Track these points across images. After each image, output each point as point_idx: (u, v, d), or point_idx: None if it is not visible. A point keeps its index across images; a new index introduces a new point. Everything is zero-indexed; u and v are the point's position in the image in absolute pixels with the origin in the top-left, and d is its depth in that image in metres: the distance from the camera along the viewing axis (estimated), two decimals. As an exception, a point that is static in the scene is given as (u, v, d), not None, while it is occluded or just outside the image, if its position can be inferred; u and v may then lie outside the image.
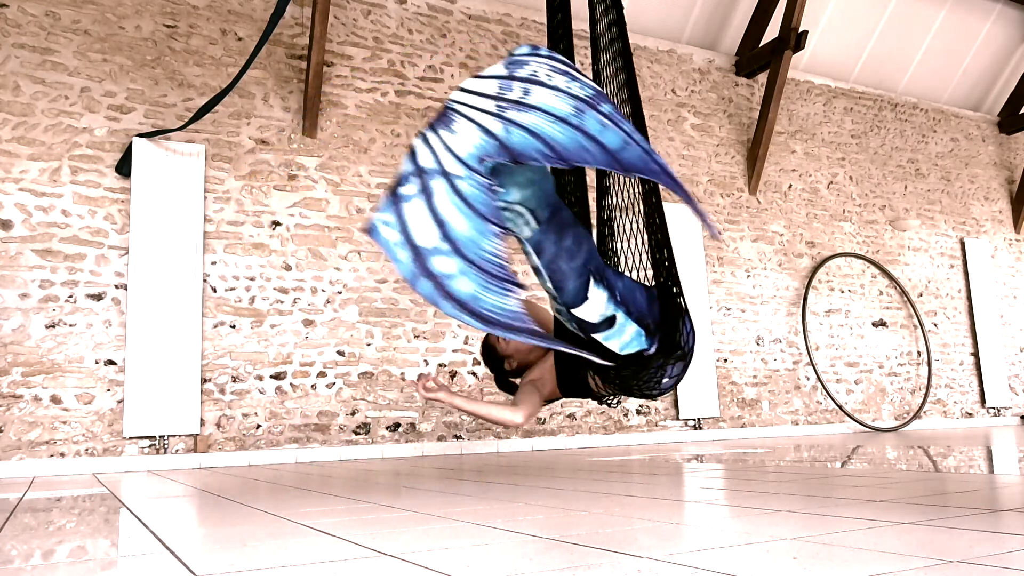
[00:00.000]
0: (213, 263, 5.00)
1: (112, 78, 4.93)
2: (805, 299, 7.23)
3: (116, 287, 4.73)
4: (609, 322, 2.29)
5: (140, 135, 4.85)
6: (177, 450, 4.68)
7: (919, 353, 7.84)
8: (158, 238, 4.79)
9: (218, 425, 4.83)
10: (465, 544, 1.41)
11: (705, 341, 6.53)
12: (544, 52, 1.92)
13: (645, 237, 2.57)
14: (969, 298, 8.33)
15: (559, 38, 2.95)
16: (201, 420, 4.77)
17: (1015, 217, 8.95)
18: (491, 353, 2.96)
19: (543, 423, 5.82)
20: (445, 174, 1.75)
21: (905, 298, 7.88)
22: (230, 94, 4.99)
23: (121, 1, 5.05)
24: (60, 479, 3.90)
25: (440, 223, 1.72)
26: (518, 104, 1.79)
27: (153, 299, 4.71)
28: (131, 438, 4.60)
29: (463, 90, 1.88)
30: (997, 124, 9.19)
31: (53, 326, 4.55)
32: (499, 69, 1.90)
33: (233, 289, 5.02)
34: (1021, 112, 9.05)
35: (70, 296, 4.62)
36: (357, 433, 5.19)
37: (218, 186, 5.10)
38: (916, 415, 7.53)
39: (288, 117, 5.38)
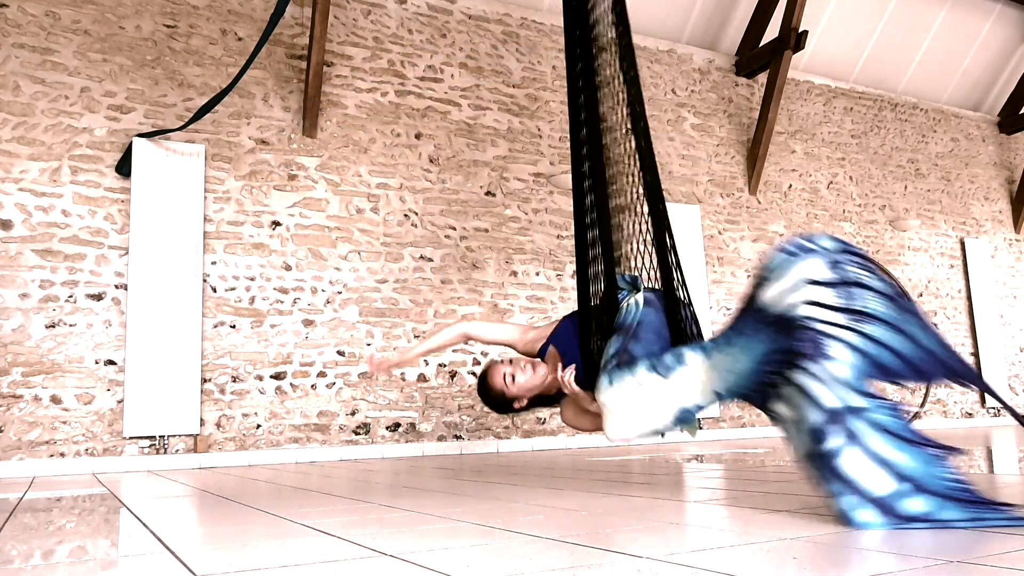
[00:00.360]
0: (213, 263, 5.00)
1: (112, 78, 4.93)
2: (805, 299, 7.22)
3: (116, 287, 4.73)
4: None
5: (140, 135, 4.85)
6: (177, 450, 4.68)
7: (919, 353, 7.84)
8: (158, 238, 4.79)
9: (218, 425, 4.83)
10: (465, 544, 1.41)
11: (705, 341, 6.51)
12: (855, 249, 1.84)
13: (648, 237, 2.57)
14: (969, 298, 8.33)
15: (576, 42, 2.95)
16: (201, 420, 4.77)
17: (1015, 217, 8.95)
18: (500, 396, 2.72)
19: (543, 423, 5.82)
20: (855, 411, 1.61)
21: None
22: (230, 94, 4.99)
23: (121, 1, 5.05)
24: (60, 479, 3.90)
25: (885, 464, 1.56)
26: (864, 315, 1.71)
27: (153, 299, 4.71)
28: (131, 438, 4.60)
29: (810, 303, 1.75)
30: (997, 124, 9.19)
31: (53, 326, 4.55)
32: (825, 272, 1.78)
33: (233, 289, 5.02)
34: (1021, 112, 9.04)
35: (70, 296, 4.62)
36: (357, 433, 5.19)
37: (218, 186, 5.10)
38: (916, 415, 7.52)
39: (288, 117, 5.38)
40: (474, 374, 5.60)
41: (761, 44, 7.17)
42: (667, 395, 2.08)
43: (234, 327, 4.98)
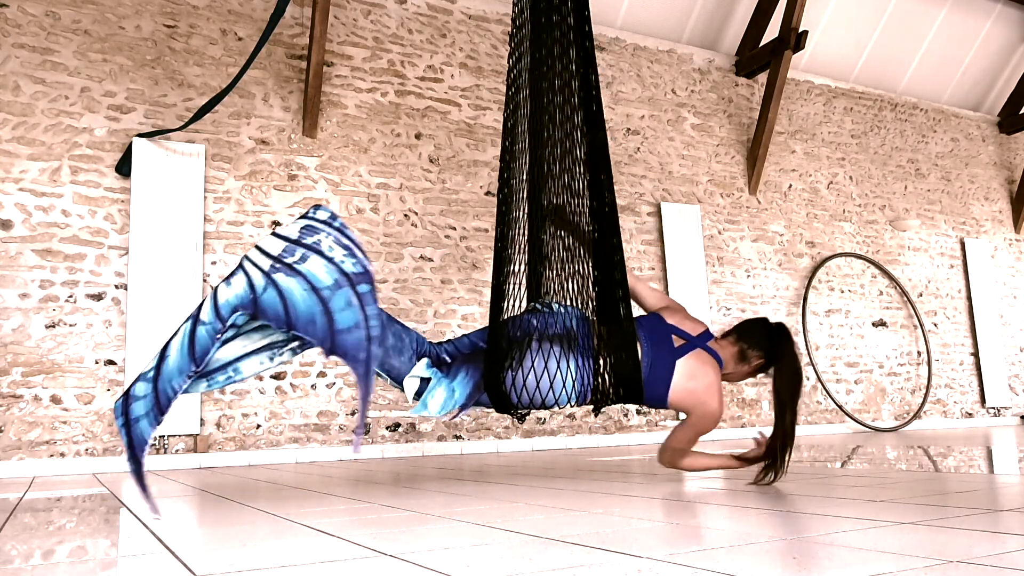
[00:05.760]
0: (213, 263, 5.00)
1: (112, 78, 4.93)
2: (805, 299, 7.23)
3: (116, 287, 4.73)
4: (426, 382, 2.43)
5: (140, 135, 4.85)
6: (177, 450, 4.68)
7: (919, 353, 7.84)
8: (158, 238, 4.79)
9: (218, 425, 4.83)
10: (465, 544, 1.41)
11: (705, 341, 6.52)
12: (338, 224, 2.16)
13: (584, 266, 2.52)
14: (969, 298, 8.33)
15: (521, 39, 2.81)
16: (201, 420, 4.77)
17: (1015, 217, 8.95)
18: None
19: (543, 423, 5.82)
20: (195, 319, 2.06)
21: (905, 298, 7.88)
22: (230, 94, 4.99)
23: (121, 1, 5.05)
24: (60, 479, 3.90)
25: (163, 356, 2.04)
26: (288, 268, 2.04)
27: (153, 299, 4.71)
28: (131, 438, 4.59)
29: (257, 247, 2.14)
30: (997, 124, 9.19)
31: (53, 326, 4.55)
32: (293, 231, 2.15)
33: (233, 289, 5.02)
34: (1021, 112, 9.04)
35: (70, 296, 4.62)
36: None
37: (218, 186, 5.10)
38: (916, 415, 7.52)
39: (288, 117, 5.38)
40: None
41: (761, 44, 7.17)
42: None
43: (234, 327, 4.98)
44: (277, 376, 5.04)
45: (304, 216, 2.20)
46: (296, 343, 2.29)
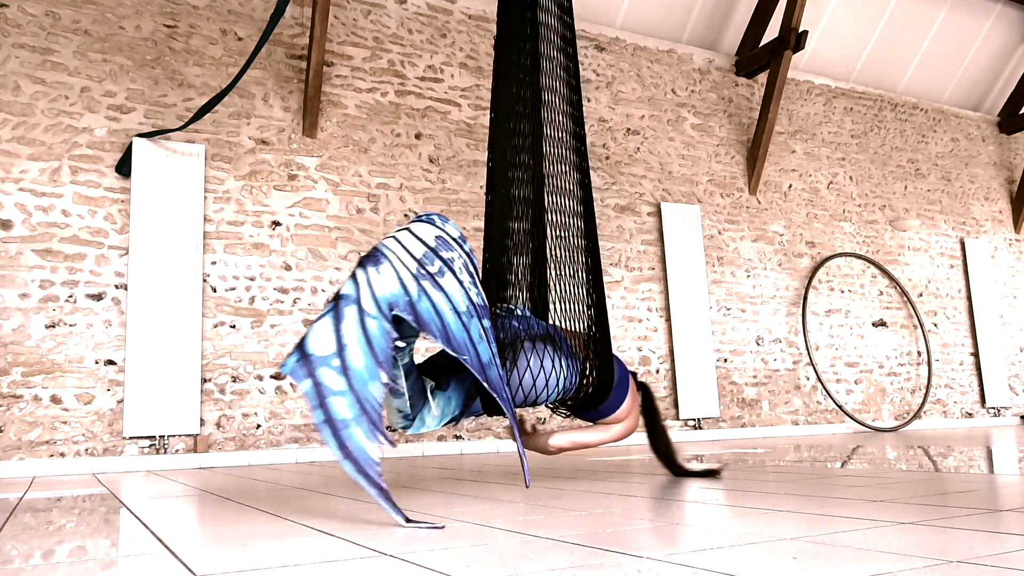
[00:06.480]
0: (213, 263, 5.00)
1: (112, 78, 4.93)
2: (805, 299, 7.23)
3: (116, 287, 4.73)
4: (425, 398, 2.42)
5: (140, 135, 4.85)
6: (177, 450, 4.68)
7: (919, 353, 7.84)
8: (158, 238, 4.79)
9: (218, 425, 4.83)
10: (465, 544, 1.41)
11: (705, 341, 6.53)
12: (467, 247, 2.09)
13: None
14: (969, 298, 8.33)
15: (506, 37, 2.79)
16: (201, 420, 4.77)
17: (1015, 217, 8.96)
18: None
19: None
20: (357, 304, 1.82)
21: (905, 298, 7.89)
22: (230, 94, 4.99)
23: (121, 1, 5.05)
24: (60, 479, 3.89)
25: (341, 345, 1.75)
26: (432, 279, 1.93)
27: (153, 299, 4.71)
28: (131, 438, 4.60)
29: (396, 240, 1.99)
30: (997, 124, 9.19)
31: (53, 326, 4.55)
32: (429, 237, 2.02)
33: (233, 289, 5.02)
34: (1021, 112, 9.05)
35: (70, 296, 4.62)
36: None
37: (218, 186, 5.10)
38: (916, 415, 7.52)
39: (288, 117, 5.38)
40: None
41: (761, 44, 7.17)
42: None
43: (234, 327, 4.98)
44: (277, 376, 5.04)
45: (429, 222, 2.07)
46: None
